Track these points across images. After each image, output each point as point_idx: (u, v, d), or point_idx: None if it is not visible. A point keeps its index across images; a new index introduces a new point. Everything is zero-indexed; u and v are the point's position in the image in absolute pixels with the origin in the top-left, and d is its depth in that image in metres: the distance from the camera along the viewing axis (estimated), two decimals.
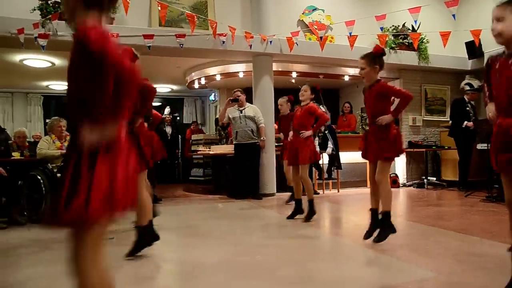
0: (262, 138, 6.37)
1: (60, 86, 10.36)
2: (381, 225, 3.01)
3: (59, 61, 7.68)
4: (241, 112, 6.31)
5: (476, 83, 7.19)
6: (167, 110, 9.13)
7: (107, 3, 1.40)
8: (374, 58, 3.07)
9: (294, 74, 7.79)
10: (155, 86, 11.43)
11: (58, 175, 4.39)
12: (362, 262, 2.80)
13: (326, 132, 6.67)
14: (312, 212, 4.23)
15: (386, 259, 2.80)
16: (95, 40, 1.23)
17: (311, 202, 4.24)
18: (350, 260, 2.85)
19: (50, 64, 7.79)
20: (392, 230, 3.00)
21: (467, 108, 6.91)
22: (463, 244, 2.96)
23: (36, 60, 7.51)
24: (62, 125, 4.79)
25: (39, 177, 4.37)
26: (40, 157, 4.55)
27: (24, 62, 7.54)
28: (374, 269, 2.64)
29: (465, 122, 6.78)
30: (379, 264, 2.72)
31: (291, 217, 4.38)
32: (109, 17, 1.38)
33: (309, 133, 4.23)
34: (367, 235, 3.06)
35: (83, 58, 1.31)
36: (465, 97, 7.04)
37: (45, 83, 9.98)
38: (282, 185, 6.88)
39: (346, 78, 8.28)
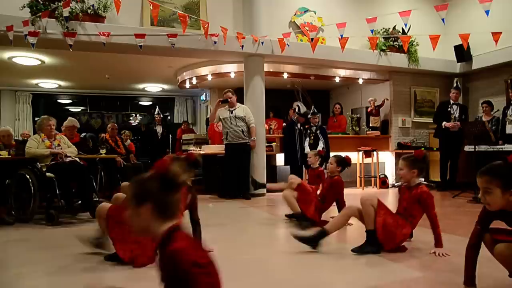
0: (252, 138, 6.39)
1: (49, 84, 10.27)
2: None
3: (48, 59, 7.62)
4: (231, 112, 6.31)
5: (457, 83, 7.38)
6: (157, 110, 9.15)
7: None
8: (414, 162, 3.05)
9: (285, 75, 7.82)
10: (146, 85, 11.38)
11: (48, 174, 4.35)
12: (351, 262, 2.83)
13: (318, 132, 6.72)
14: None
15: (375, 259, 2.83)
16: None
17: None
18: (338, 260, 2.88)
19: (39, 62, 7.72)
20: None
21: (449, 109, 7.06)
22: (450, 244, 3.00)
23: (25, 58, 7.43)
24: (52, 123, 4.73)
25: (28, 176, 4.33)
26: (28, 156, 4.50)
27: (13, 59, 7.46)
28: (362, 269, 2.67)
29: (444, 123, 6.95)
30: (368, 264, 2.75)
31: (289, 216, 4.34)
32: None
33: None
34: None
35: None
36: (450, 99, 7.21)
37: (34, 81, 9.89)
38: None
39: (337, 79, 8.34)
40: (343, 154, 4.30)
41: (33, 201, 4.29)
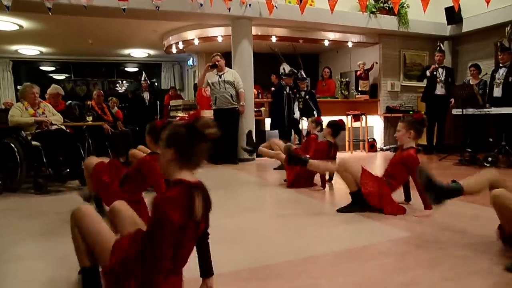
0: (241, 103, 6.33)
1: (30, 50, 9.92)
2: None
3: (27, 24, 7.31)
4: (220, 77, 6.21)
5: (441, 46, 7.35)
6: (143, 76, 8.96)
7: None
8: (412, 123, 3.04)
9: (273, 39, 7.66)
10: (132, 51, 11.07)
11: (33, 142, 4.28)
12: (338, 224, 2.90)
13: (306, 97, 6.68)
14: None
15: (363, 221, 2.89)
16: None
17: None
18: (327, 223, 2.94)
19: (17, 27, 7.41)
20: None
21: (434, 72, 7.13)
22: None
23: (1, 22, 7.10)
24: (35, 91, 4.59)
25: (13, 145, 4.25)
26: (12, 125, 4.40)
27: None
28: (350, 230, 2.73)
29: (427, 72, 7.13)
30: (356, 226, 2.81)
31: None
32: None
33: None
34: None
35: None
36: (436, 62, 7.21)
37: (14, 47, 9.54)
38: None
39: (326, 43, 8.21)
40: (331, 118, 4.40)
41: (20, 170, 4.24)
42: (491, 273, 1.89)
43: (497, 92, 6.21)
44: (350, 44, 8.35)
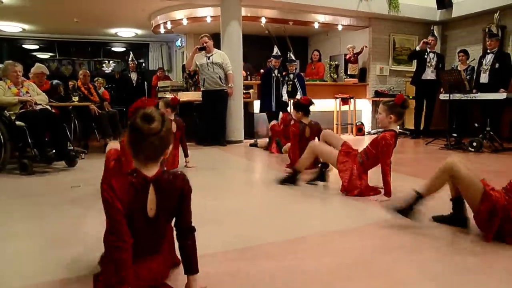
0: (230, 85, 6.28)
1: (11, 27, 9.63)
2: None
3: None
4: (208, 58, 6.13)
5: (433, 30, 7.42)
6: (131, 56, 8.79)
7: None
8: (392, 107, 2.99)
9: (263, 20, 7.57)
10: (119, 30, 10.90)
11: (17, 122, 4.19)
12: (326, 204, 2.93)
13: (295, 80, 6.65)
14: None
15: (350, 203, 2.93)
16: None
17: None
18: (315, 202, 2.97)
19: None
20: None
21: (425, 57, 7.16)
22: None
23: None
24: (18, 70, 4.46)
25: None
26: None
27: None
28: (337, 212, 2.77)
29: (417, 47, 7.27)
30: (342, 207, 2.85)
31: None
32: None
33: None
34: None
35: None
36: (427, 47, 7.24)
37: None
38: (250, 133, 6.94)
39: (316, 25, 8.15)
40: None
41: (4, 151, 4.16)
42: (473, 254, 1.94)
43: (484, 78, 6.27)
44: (340, 27, 8.31)
